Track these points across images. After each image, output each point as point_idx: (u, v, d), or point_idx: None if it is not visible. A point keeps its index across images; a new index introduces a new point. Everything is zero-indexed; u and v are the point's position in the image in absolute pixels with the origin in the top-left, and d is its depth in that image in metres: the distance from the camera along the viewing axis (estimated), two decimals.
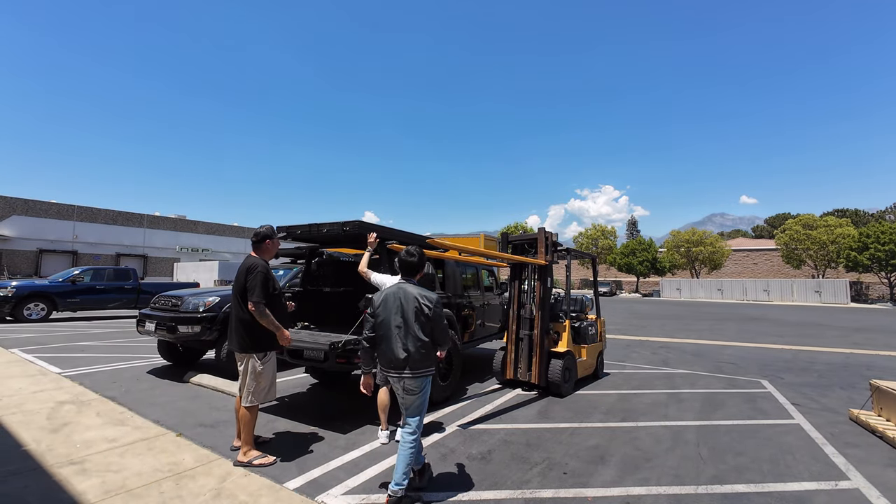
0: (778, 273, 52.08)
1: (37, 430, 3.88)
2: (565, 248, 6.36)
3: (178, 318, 6.05)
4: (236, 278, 3.57)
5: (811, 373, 7.48)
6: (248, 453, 3.38)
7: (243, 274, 3.50)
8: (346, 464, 3.43)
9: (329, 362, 4.27)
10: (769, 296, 40.81)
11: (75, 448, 3.51)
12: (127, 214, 38.31)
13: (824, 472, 3.47)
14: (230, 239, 45.43)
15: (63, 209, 35.11)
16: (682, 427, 4.50)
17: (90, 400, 4.84)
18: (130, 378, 6.02)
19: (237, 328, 3.53)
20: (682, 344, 10.87)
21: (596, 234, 56.39)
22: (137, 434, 3.87)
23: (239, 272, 3.56)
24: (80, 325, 11.70)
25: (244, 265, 3.57)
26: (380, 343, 2.99)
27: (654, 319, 18.17)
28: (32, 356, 7.16)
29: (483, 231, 12.57)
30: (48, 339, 9.17)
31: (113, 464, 3.25)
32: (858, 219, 65.46)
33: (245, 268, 3.53)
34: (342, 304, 6.00)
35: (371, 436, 4.04)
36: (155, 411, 4.56)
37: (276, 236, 3.81)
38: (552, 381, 5.51)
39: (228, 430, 4.08)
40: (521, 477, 3.27)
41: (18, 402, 4.65)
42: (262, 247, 3.67)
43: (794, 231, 43.51)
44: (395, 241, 4.90)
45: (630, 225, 77.23)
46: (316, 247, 6.24)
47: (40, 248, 33.25)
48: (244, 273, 3.50)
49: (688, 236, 50.31)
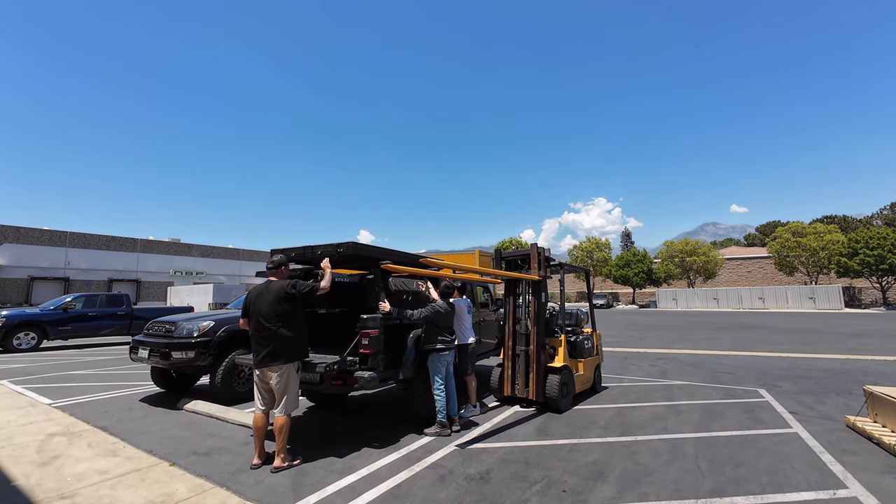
0: (772, 280, 52.53)
1: (26, 463, 3.80)
2: (558, 263, 6.43)
3: (171, 343, 6.00)
4: (274, 297, 3.94)
5: (808, 380, 7.50)
6: (285, 459, 3.78)
7: (281, 290, 3.96)
8: (344, 489, 3.38)
9: (325, 384, 4.25)
10: (765, 303, 41.04)
11: (66, 482, 3.44)
12: (120, 239, 38.10)
13: (822, 481, 3.48)
14: (224, 261, 45.19)
15: (55, 235, 34.87)
16: (681, 440, 4.49)
17: (81, 431, 4.76)
18: (123, 407, 5.92)
19: (277, 343, 3.89)
20: (680, 355, 10.88)
21: (591, 247, 56.80)
22: (129, 465, 3.80)
23: (277, 291, 3.97)
24: (71, 354, 11.51)
25: (274, 286, 4.01)
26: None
27: (652, 331, 18.17)
28: (21, 387, 7.03)
29: (478, 247, 12.63)
30: (38, 368, 9.01)
31: (104, 497, 3.18)
32: (847, 225, 66.54)
33: (278, 287, 3.99)
34: (338, 325, 5.98)
35: (368, 458, 3.99)
36: (148, 440, 4.48)
37: (289, 263, 4.43)
38: (550, 396, 5.49)
39: (223, 457, 4.02)
40: (520, 496, 3.24)
41: (7, 436, 4.55)
42: (278, 272, 4.23)
43: (785, 239, 44.11)
44: (389, 261, 4.94)
45: (624, 236, 77.91)
46: (311, 268, 6.26)
47: (31, 275, 32.86)
48: (282, 289, 3.97)
49: (681, 246, 50.81)
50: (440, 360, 4.80)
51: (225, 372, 5.93)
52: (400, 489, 3.37)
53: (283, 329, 3.91)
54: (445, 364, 4.84)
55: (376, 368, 4.38)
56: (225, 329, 6.20)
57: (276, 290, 3.98)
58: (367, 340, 4.38)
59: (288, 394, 3.88)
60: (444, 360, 4.82)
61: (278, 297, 3.94)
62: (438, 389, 4.74)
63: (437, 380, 4.76)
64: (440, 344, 4.78)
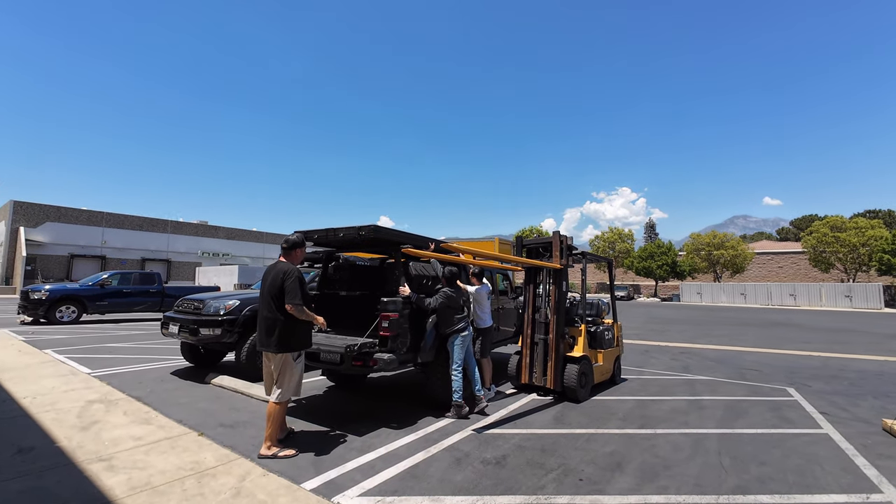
0: (805, 277, 50.23)
1: (68, 427, 4.05)
2: (580, 252, 6.30)
3: (199, 320, 6.23)
4: (270, 283, 3.70)
5: (841, 380, 7.18)
6: (271, 447, 3.58)
7: (279, 278, 3.66)
8: (362, 465, 3.47)
9: (345, 365, 4.33)
10: (796, 300, 39.36)
11: (104, 445, 3.65)
12: (152, 220, 39.67)
13: (855, 484, 3.34)
14: (249, 244, 46.51)
15: (93, 216, 36.59)
16: (703, 435, 4.38)
17: (117, 399, 5.03)
18: (155, 378, 6.22)
19: (271, 330, 3.67)
20: (704, 350, 10.59)
21: (613, 238, 55.50)
22: (161, 433, 4.00)
23: (274, 277, 3.70)
24: (107, 328, 12.15)
25: (278, 270, 3.72)
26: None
27: (674, 324, 17.74)
28: (64, 357, 7.47)
29: (498, 235, 12.50)
30: (78, 340, 9.56)
31: (139, 461, 3.37)
32: (893, 220, 62.59)
33: (281, 272, 3.68)
34: (358, 307, 6.07)
35: (386, 438, 4.07)
36: (178, 411, 4.70)
37: (305, 244, 4.05)
38: (568, 386, 5.45)
39: (247, 430, 4.18)
40: (536, 483, 3.25)
41: (52, 401, 4.86)
42: (292, 253, 3.90)
43: (822, 233, 41.94)
44: (409, 245, 4.97)
45: (648, 228, 75.76)
46: (332, 251, 6.35)
47: (71, 252, 34.69)
48: (280, 277, 3.66)
49: (708, 239, 49.06)
50: (460, 342, 4.83)
51: (249, 349, 6.13)
52: (417, 469, 3.43)
53: (279, 314, 3.65)
54: (465, 345, 4.88)
55: (396, 351, 4.43)
56: (250, 308, 6.39)
57: (274, 275, 3.71)
58: (387, 323, 4.44)
59: (284, 382, 3.67)
60: (465, 341, 4.86)
61: (274, 282, 3.67)
62: (456, 370, 4.78)
63: (455, 360, 4.81)
64: (459, 324, 4.83)
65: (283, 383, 3.67)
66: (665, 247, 50.05)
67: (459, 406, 4.73)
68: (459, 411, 4.71)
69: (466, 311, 5.07)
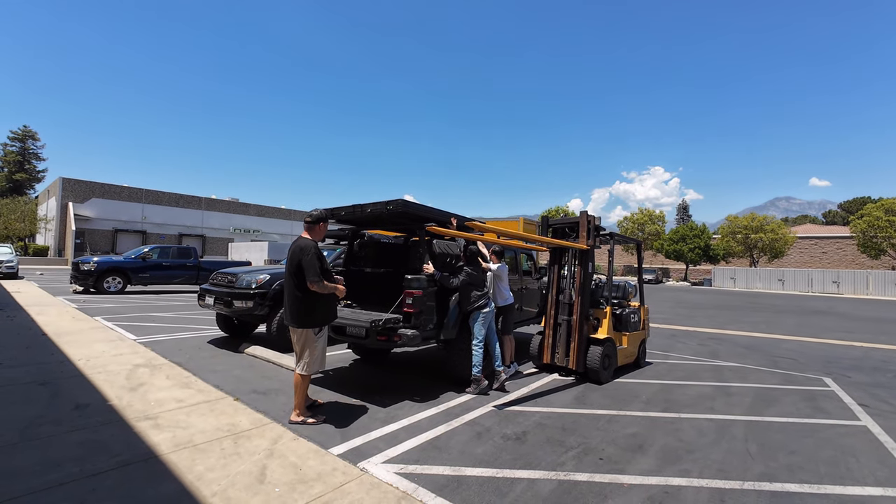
0: (851, 263, 47.27)
1: (118, 388, 4.40)
2: (608, 233, 6.13)
3: (233, 293, 6.52)
4: (290, 259, 3.77)
5: (885, 373, 6.82)
6: (300, 415, 3.77)
7: (297, 255, 3.69)
8: (386, 435, 3.61)
9: (370, 339, 4.46)
10: (839, 288, 37.22)
11: (150, 405, 3.95)
12: (187, 197, 41.31)
13: (892, 478, 3.20)
14: (278, 221, 47.85)
15: (133, 192, 38.44)
16: (730, 421, 4.29)
17: (161, 364, 5.39)
18: (194, 346, 6.62)
19: (294, 304, 3.76)
20: (734, 336, 10.25)
21: (643, 219, 53.53)
22: (201, 396, 4.27)
23: (292, 254, 3.74)
24: (149, 298, 12.93)
25: (296, 247, 3.75)
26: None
27: (704, 309, 17.19)
28: (112, 324, 8.04)
29: (522, 215, 12.33)
30: (124, 309, 10.24)
31: (181, 421, 3.62)
32: None
33: (299, 248, 3.72)
34: (383, 284, 6.18)
35: (409, 411, 4.20)
36: (215, 377, 5.00)
37: (328, 220, 4.04)
38: (590, 367, 5.42)
39: (279, 397, 4.41)
40: (556, 459, 3.29)
41: (103, 364, 5.27)
42: (314, 228, 3.90)
43: (875, 217, 38.99)
44: (433, 222, 4.97)
45: (681, 209, 72.68)
46: (358, 228, 6.44)
47: (115, 227, 36.77)
48: (298, 254, 3.69)
49: (746, 222, 46.55)
50: (483, 317, 4.87)
51: (279, 322, 6.39)
52: (439, 441, 3.54)
53: (297, 291, 3.72)
54: (487, 322, 4.92)
55: (419, 327, 4.51)
56: (279, 283, 6.61)
57: (292, 252, 3.74)
58: (411, 300, 4.51)
59: (307, 355, 3.76)
60: (486, 318, 4.89)
61: (292, 260, 3.71)
62: (477, 346, 4.84)
63: (477, 336, 4.86)
64: (480, 301, 4.87)
65: (305, 356, 3.77)
66: (698, 229, 48.01)
67: (478, 380, 4.81)
68: (478, 385, 4.80)
69: (487, 289, 5.08)
